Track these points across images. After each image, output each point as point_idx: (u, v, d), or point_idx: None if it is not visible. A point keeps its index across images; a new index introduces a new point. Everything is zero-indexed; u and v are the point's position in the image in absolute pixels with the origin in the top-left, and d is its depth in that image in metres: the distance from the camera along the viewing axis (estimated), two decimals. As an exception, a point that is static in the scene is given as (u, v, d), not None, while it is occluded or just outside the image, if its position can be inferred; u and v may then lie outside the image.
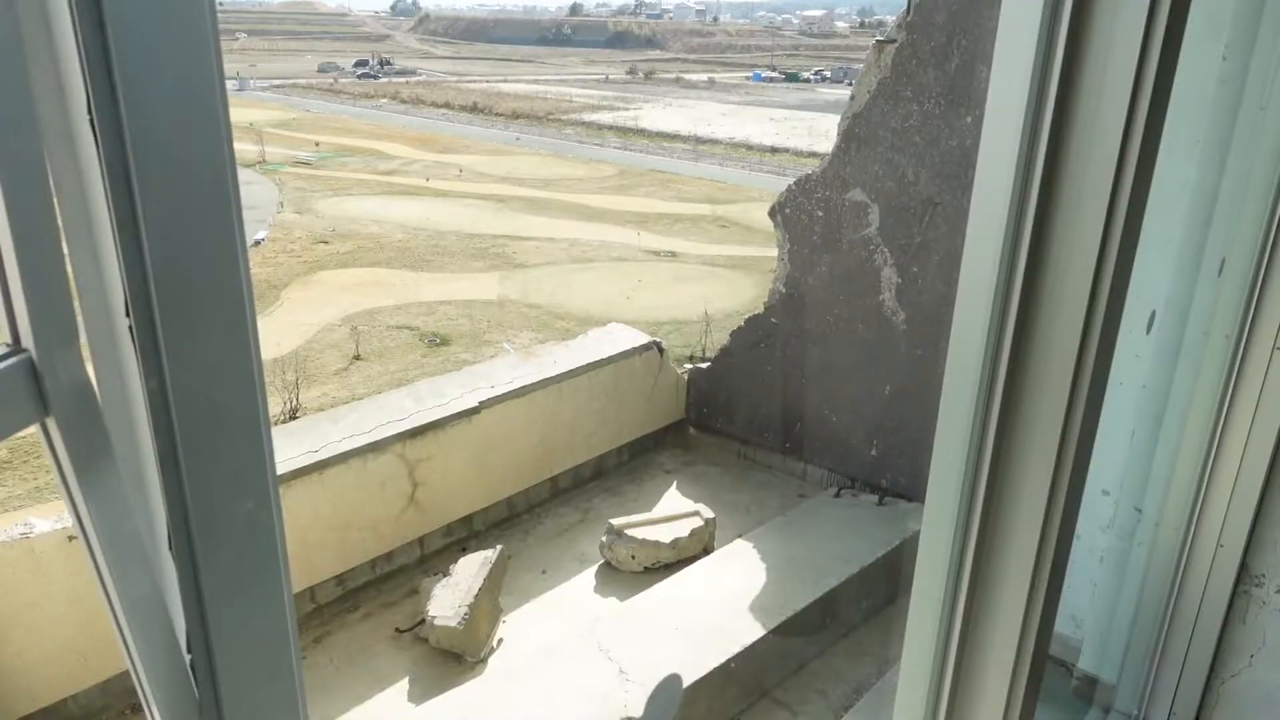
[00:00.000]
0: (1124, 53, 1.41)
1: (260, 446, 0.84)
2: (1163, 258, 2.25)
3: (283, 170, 38.13)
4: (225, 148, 0.70)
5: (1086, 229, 1.52)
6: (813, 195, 4.28)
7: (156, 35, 0.67)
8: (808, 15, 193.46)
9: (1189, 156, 2.24)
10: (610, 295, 22.24)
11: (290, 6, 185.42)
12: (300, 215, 30.25)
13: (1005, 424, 1.70)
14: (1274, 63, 2.12)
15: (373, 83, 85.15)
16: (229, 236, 0.72)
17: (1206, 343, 2.29)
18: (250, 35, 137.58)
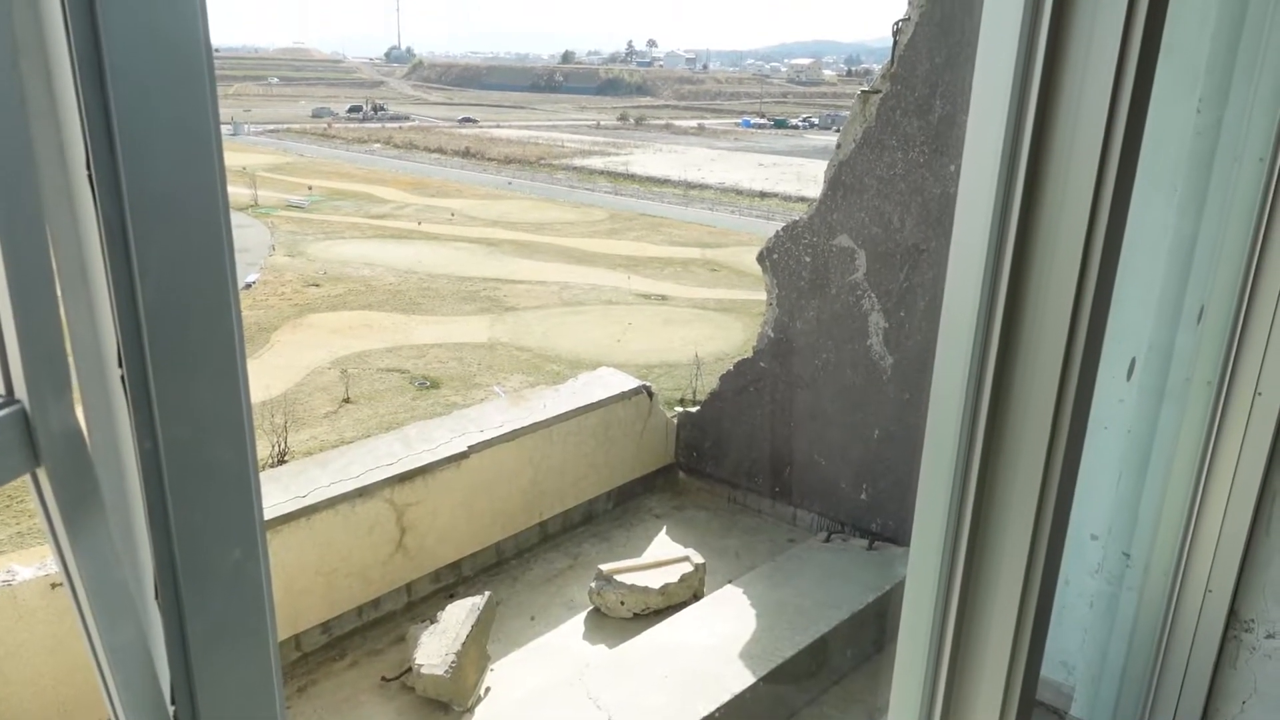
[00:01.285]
0: (1095, 104, 1.46)
1: (249, 495, 0.84)
2: (1144, 304, 2.28)
3: (275, 214, 38.31)
4: (221, 203, 0.72)
5: (1062, 275, 1.55)
6: (800, 241, 4.34)
7: (156, 93, 0.69)
8: (795, 63, 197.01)
9: (1168, 205, 2.29)
10: (601, 338, 22.29)
11: (285, 53, 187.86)
12: (292, 258, 30.34)
13: (987, 467, 1.71)
14: (1247, 116, 2.18)
15: (366, 128, 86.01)
16: (222, 289, 0.73)
17: (1189, 388, 2.32)
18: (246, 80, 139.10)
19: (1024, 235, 1.57)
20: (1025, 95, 1.52)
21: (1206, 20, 2.14)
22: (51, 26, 0.67)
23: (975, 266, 1.63)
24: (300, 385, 18.86)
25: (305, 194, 44.32)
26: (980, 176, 1.59)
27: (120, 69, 0.66)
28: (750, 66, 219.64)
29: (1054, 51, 1.47)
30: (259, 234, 33.72)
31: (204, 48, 0.69)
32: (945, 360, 1.70)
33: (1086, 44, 1.47)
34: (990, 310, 1.64)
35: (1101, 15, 1.43)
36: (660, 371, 19.09)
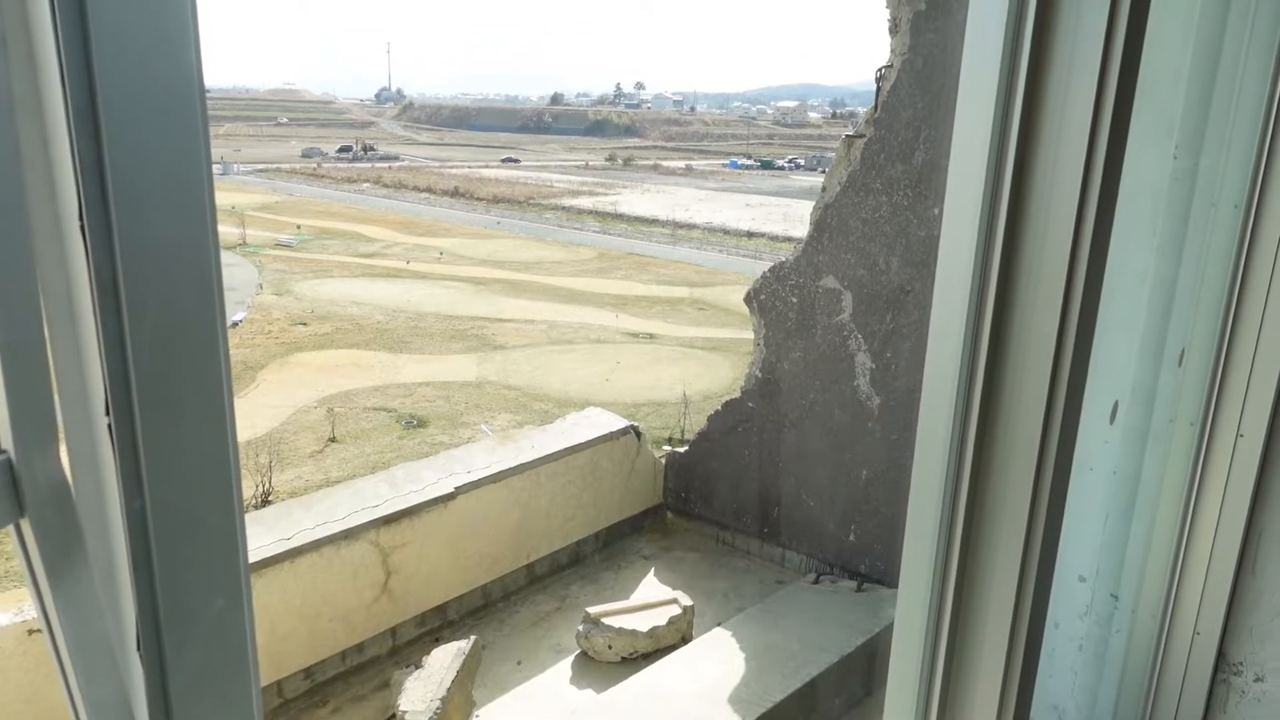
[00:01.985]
0: (1073, 149, 1.49)
1: (234, 543, 0.84)
2: (1127, 346, 2.31)
3: (263, 253, 38.36)
4: (212, 251, 0.72)
5: (1044, 318, 1.58)
6: (787, 282, 4.38)
7: (151, 144, 0.69)
8: (781, 106, 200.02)
9: (1148, 248, 2.33)
10: (589, 377, 22.30)
11: (276, 94, 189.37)
12: (279, 297, 30.32)
13: (974, 508, 1.72)
14: (1223, 163, 2.23)
15: (356, 167, 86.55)
16: (211, 337, 0.74)
17: (1172, 429, 2.33)
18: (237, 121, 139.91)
19: (1006, 278, 1.59)
20: (1005, 140, 1.56)
21: (1181, 70, 2.19)
22: (48, 79, 0.68)
23: (958, 309, 1.65)
24: (286, 424, 18.75)
25: (294, 233, 44.42)
26: (962, 220, 1.62)
27: (115, 121, 0.67)
28: (737, 109, 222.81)
29: (1032, 98, 1.51)
30: (247, 273, 33.73)
31: (198, 98, 0.70)
32: (931, 402, 1.72)
33: (1063, 91, 1.50)
34: (974, 352, 1.65)
35: (1078, 62, 1.46)
36: (648, 410, 19.08)
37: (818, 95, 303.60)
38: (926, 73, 3.58)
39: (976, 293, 1.62)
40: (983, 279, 1.61)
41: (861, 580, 4.69)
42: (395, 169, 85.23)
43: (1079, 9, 1.46)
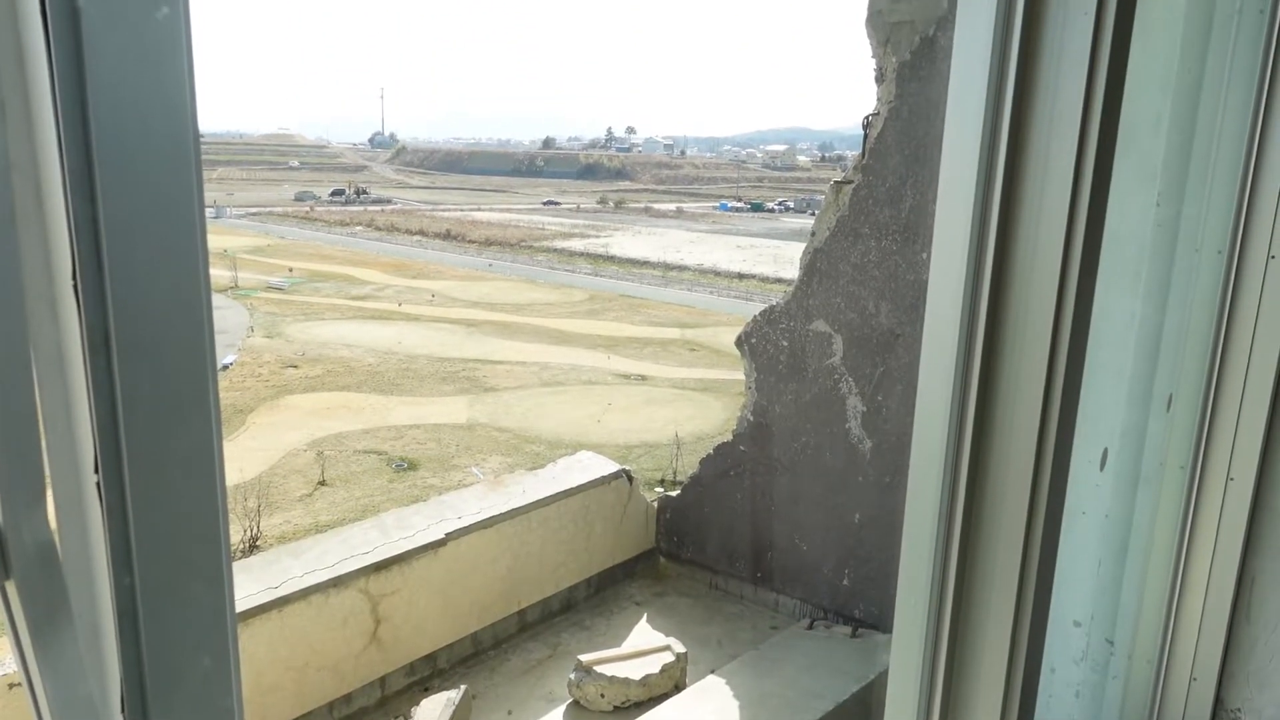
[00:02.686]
0: (1057, 196, 1.52)
1: (222, 601, 0.83)
2: (1116, 391, 2.32)
3: (255, 295, 38.37)
4: (205, 312, 0.72)
5: (1032, 363, 1.59)
6: (777, 326, 4.40)
7: (146, 208, 0.70)
8: (770, 150, 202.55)
9: (1133, 294, 2.35)
10: (580, 418, 22.24)
11: (270, 138, 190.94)
12: (270, 339, 30.27)
13: (966, 554, 1.72)
14: (1204, 210, 2.26)
15: (348, 211, 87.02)
16: (203, 394, 0.74)
17: (1163, 473, 2.34)
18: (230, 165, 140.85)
19: (993, 323, 1.61)
20: (990, 188, 1.58)
21: (1161, 120, 2.23)
22: (44, 141, 0.69)
23: (947, 354, 1.67)
24: (275, 468, 18.60)
25: (285, 275, 44.50)
26: (949, 266, 1.64)
27: (111, 182, 0.68)
28: (727, 152, 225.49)
29: (1015, 147, 1.53)
30: (238, 315, 33.70)
31: (194, 157, 0.70)
32: (921, 446, 1.72)
33: (1046, 140, 1.53)
34: (963, 397, 1.67)
35: (1060, 111, 1.50)
36: (640, 452, 19.02)
37: (806, 139, 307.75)
38: (913, 120, 3.64)
39: (964, 338, 1.64)
40: (970, 324, 1.63)
41: (856, 625, 4.65)
42: (388, 212, 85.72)
43: (1059, 59, 1.49)
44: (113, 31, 0.66)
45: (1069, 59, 1.51)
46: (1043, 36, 1.53)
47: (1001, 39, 1.53)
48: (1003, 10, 1.52)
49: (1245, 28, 2.05)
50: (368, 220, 76.44)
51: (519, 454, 19.44)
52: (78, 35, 0.66)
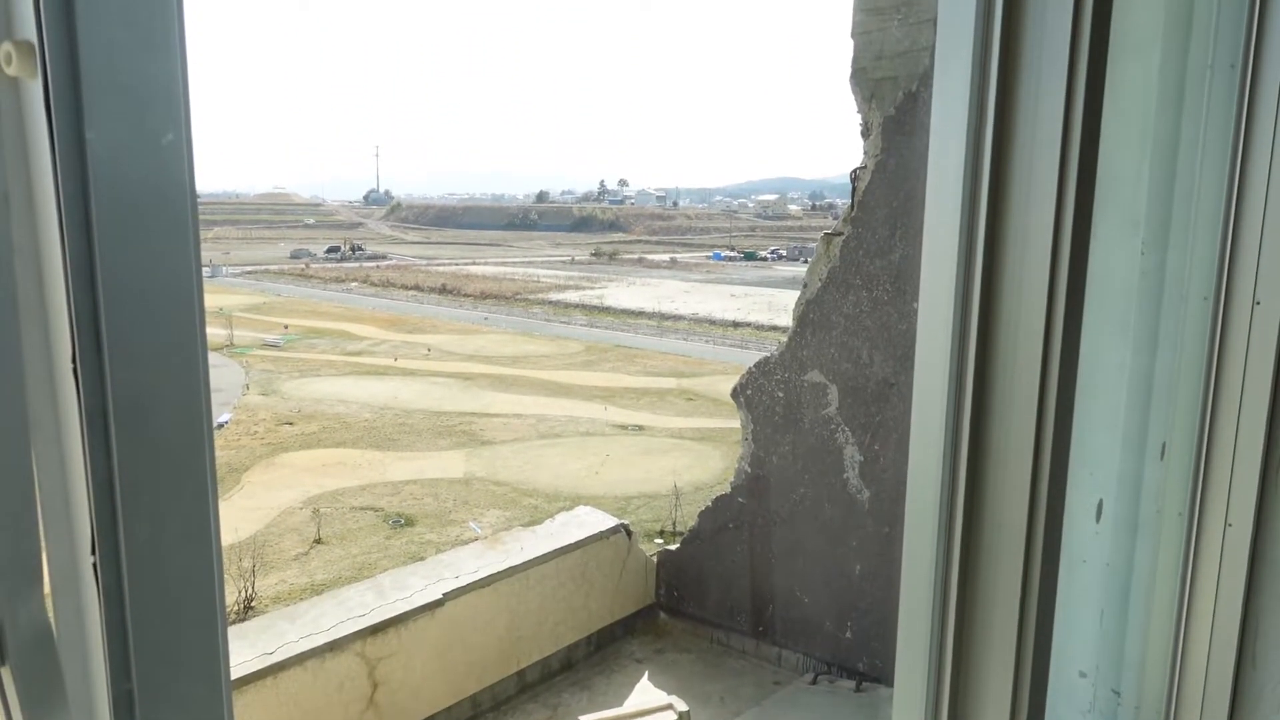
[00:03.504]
0: (1038, 246, 1.54)
1: (218, 678, 0.83)
2: (1110, 439, 2.33)
3: (250, 353, 38.39)
4: (203, 396, 0.73)
5: (1022, 411, 1.61)
6: (773, 377, 4.41)
7: (148, 297, 0.71)
8: (762, 199, 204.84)
9: (1123, 342, 2.37)
10: (578, 470, 22.13)
11: (266, 198, 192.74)
12: (266, 397, 30.20)
13: (964, 607, 1.71)
14: (1189, 258, 2.30)
15: (344, 267, 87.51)
16: (200, 473, 0.74)
17: (1160, 520, 2.34)
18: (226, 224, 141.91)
19: (981, 371, 1.63)
20: (972, 240, 1.61)
21: (1141, 173, 2.28)
22: (47, 230, 0.70)
23: (937, 405, 1.68)
24: (270, 526, 18.42)
25: (281, 333, 44.57)
26: (935, 316, 1.66)
27: (112, 271, 0.69)
28: (719, 203, 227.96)
29: (996, 196, 1.57)
30: (233, 374, 33.67)
31: (194, 248, 0.72)
32: (915, 499, 1.73)
33: (1026, 191, 1.57)
34: (955, 447, 1.67)
35: (1037, 166, 1.53)
36: (639, 503, 18.89)
37: (797, 188, 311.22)
38: (899, 173, 3.69)
39: (954, 388, 1.65)
40: (959, 373, 1.64)
41: (860, 679, 4.58)
42: (383, 268, 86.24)
43: (1035, 114, 1.53)
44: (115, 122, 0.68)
45: (1044, 114, 1.55)
46: (1018, 92, 1.57)
47: (978, 96, 1.58)
48: (978, 67, 1.56)
49: (1217, 83, 2.10)
50: (363, 276, 76.85)
51: (516, 508, 19.30)
52: (79, 127, 0.68)
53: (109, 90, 0.67)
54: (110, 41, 0.68)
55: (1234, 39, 2.15)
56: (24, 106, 0.69)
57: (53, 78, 0.67)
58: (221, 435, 24.71)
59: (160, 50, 0.71)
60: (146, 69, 0.69)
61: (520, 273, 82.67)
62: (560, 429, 26.57)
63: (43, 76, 0.68)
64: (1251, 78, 2.15)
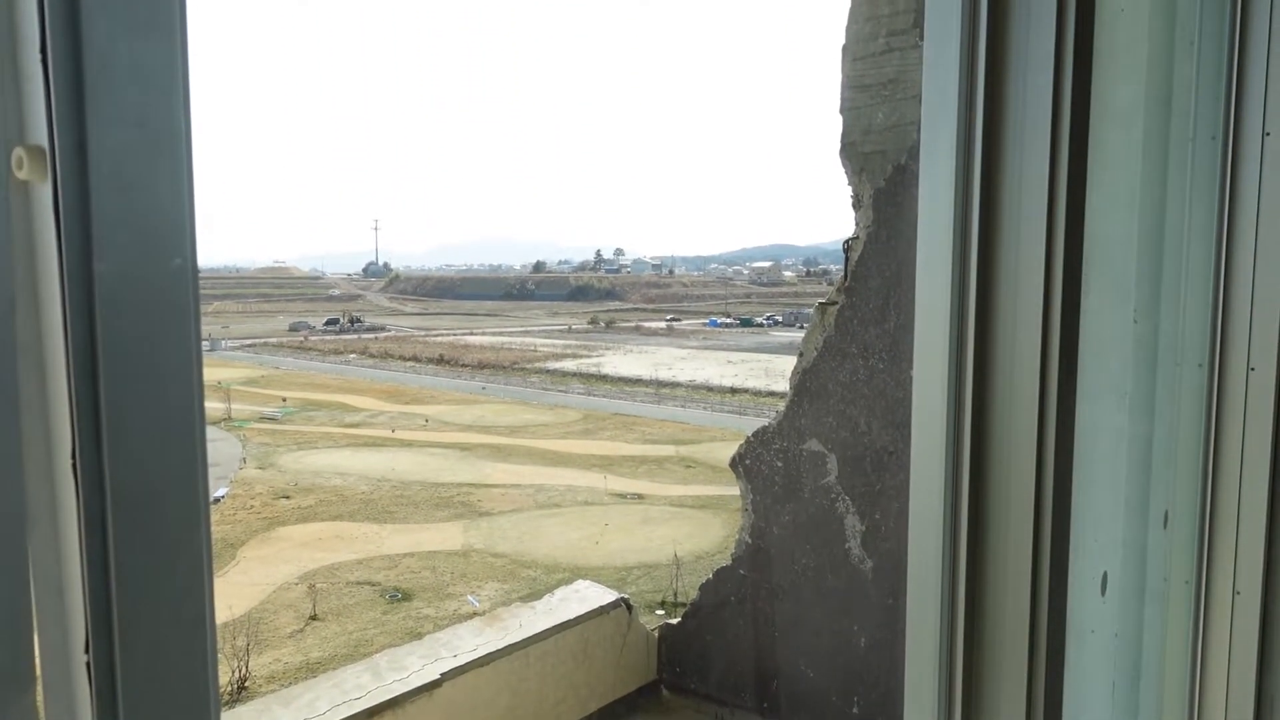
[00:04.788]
0: (1029, 314, 1.56)
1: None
2: (1113, 507, 2.31)
3: (248, 426, 38.27)
4: (201, 497, 0.73)
5: (1020, 477, 1.60)
6: (771, 446, 4.40)
7: (147, 389, 0.72)
8: (757, 266, 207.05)
9: (1120, 409, 2.37)
10: (578, 540, 21.87)
11: (265, 272, 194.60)
12: (263, 470, 30.01)
13: (971, 680, 1.68)
14: (1181, 324, 2.32)
15: (343, 339, 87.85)
16: (198, 576, 0.74)
17: (1168, 589, 2.31)
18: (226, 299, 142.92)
19: (978, 441, 1.63)
20: (964, 308, 1.63)
21: (1130, 240, 2.31)
22: (50, 328, 0.71)
23: (935, 474, 1.68)
24: (265, 603, 18.12)
25: (279, 405, 44.50)
26: (931, 384, 1.67)
27: (115, 366, 0.70)
28: (714, 270, 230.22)
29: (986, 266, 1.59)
30: (230, 447, 33.50)
31: (195, 354, 0.73)
32: (916, 570, 1.71)
33: (1014, 262, 1.59)
34: (955, 516, 1.67)
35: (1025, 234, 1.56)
36: (639, 573, 18.62)
37: (791, 255, 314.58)
38: (891, 243, 3.75)
39: (951, 455, 1.66)
40: (956, 441, 1.65)
41: (869, 755, 4.46)
42: (381, 339, 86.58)
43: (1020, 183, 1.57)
44: (122, 227, 0.69)
45: (1029, 185, 1.59)
46: (1003, 164, 1.61)
47: (964, 167, 1.61)
48: (963, 140, 1.60)
49: (1200, 154, 2.15)
50: (361, 348, 77.11)
51: (515, 580, 19.02)
52: (87, 231, 0.69)
53: (117, 194, 0.69)
54: (120, 146, 0.70)
55: (1213, 111, 2.20)
56: (33, 209, 0.71)
57: (62, 182, 0.69)
58: (218, 510, 24.47)
59: (168, 153, 0.73)
60: (154, 172, 0.71)
61: (518, 342, 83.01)
62: (559, 498, 26.35)
63: (53, 180, 0.69)
64: (1233, 149, 2.20)
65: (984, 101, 1.58)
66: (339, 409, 44.13)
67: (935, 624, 1.70)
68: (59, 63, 0.68)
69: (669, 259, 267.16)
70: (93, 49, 0.68)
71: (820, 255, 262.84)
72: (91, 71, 0.68)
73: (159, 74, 0.71)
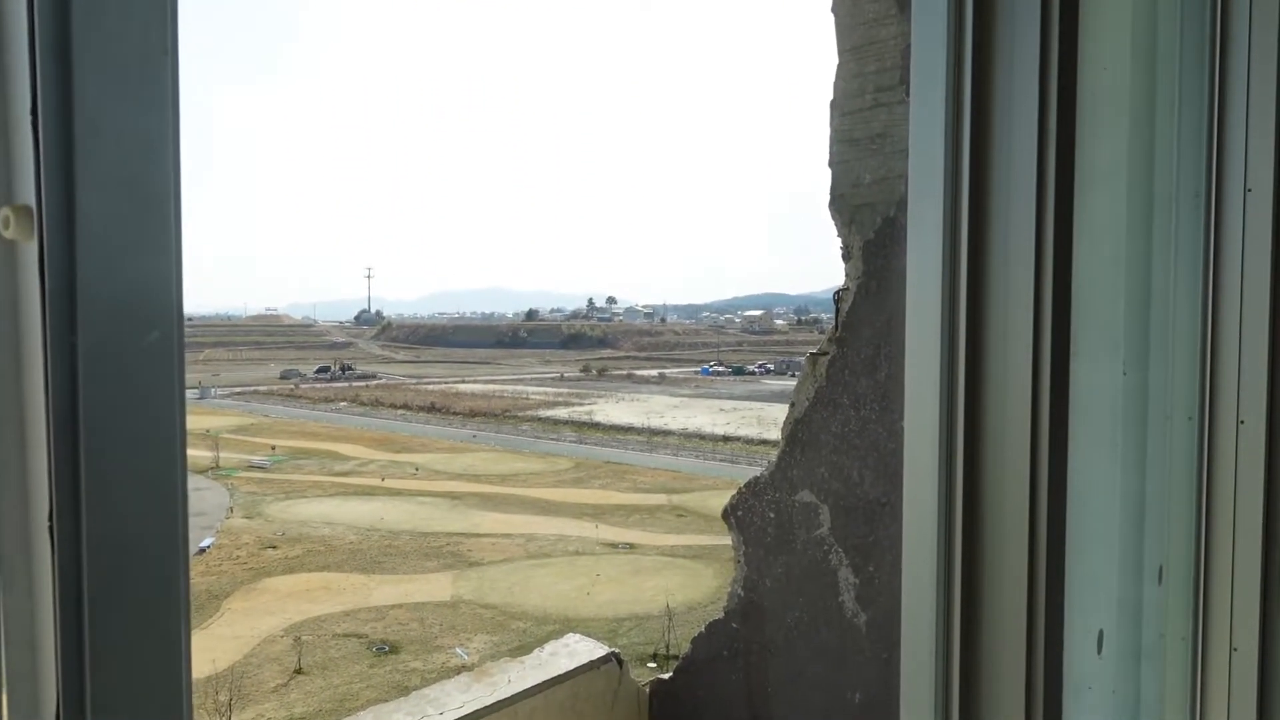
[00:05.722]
0: (1019, 365, 1.56)
1: None
2: (1107, 563, 2.30)
3: (236, 475, 37.94)
4: (181, 558, 0.72)
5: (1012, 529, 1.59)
6: (763, 497, 4.37)
7: (127, 453, 0.71)
8: (748, 315, 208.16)
9: (1111, 461, 2.37)
10: (568, 591, 21.62)
11: (257, 320, 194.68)
12: (250, 520, 29.68)
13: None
14: (1170, 377, 2.33)
15: (333, 387, 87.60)
16: (174, 645, 0.72)
17: (1164, 646, 2.29)
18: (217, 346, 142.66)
19: (970, 497, 1.62)
20: (954, 362, 1.63)
21: (1117, 294, 2.33)
22: (32, 396, 0.70)
23: (928, 530, 1.67)
24: (249, 656, 17.80)
25: (268, 454, 44.18)
26: (922, 437, 1.67)
27: (95, 435, 0.69)
28: (706, 318, 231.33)
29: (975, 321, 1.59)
30: (217, 496, 33.18)
31: (179, 417, 0.72)
32: (911, 627, 1.69)
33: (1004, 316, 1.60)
34: (949, 576, 1.65)
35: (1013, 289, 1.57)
36: (630, 624, 18.38)
37: (782, 304, 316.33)
38: (881, 294, 3.77)
39: (944, 511, 1.64)
40: (949, 497, 1.64)
41: (865, 815, 4.35)
42: (372, 387, 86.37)
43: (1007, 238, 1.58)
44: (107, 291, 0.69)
45: (1015, 239, 1.60)
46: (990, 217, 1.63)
47: (951, 221, 1.63)
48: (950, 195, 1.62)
49: (1183, 211, 2.18)
50: (352, 395, 76.88)
51: (505, 631, 18.75)
52: (71, 291, 0.69)
53: (103, 256, 0.69)
54: (108, 208, 0.70)
55: (1196, 169, 2.24)
56: (18, 269, 0.70)
57: (49, 243, 0.68)
58: (203, 560, 24.14)
59: (156, 215, 0.72)
60: (142, 234, 0.71)
61: (510, 390, 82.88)
62: (550, 548, 26.11)
63: (39, 241, 0.69)
64: (1216, 205, 2.23)
65: (970, 159, 1.60)
66: (328, 457, 43.82)
67: (930, 682, 1.68)
68: (49, 123, 0.68)
69: (661, 307, 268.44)
70: (84, 111, 0.68)
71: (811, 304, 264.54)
72: (82, 133, 0.68)
73: (149, 138, 0.71)
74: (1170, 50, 1.94)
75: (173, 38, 0.73)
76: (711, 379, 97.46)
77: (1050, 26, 1.39)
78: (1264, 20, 1.97)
